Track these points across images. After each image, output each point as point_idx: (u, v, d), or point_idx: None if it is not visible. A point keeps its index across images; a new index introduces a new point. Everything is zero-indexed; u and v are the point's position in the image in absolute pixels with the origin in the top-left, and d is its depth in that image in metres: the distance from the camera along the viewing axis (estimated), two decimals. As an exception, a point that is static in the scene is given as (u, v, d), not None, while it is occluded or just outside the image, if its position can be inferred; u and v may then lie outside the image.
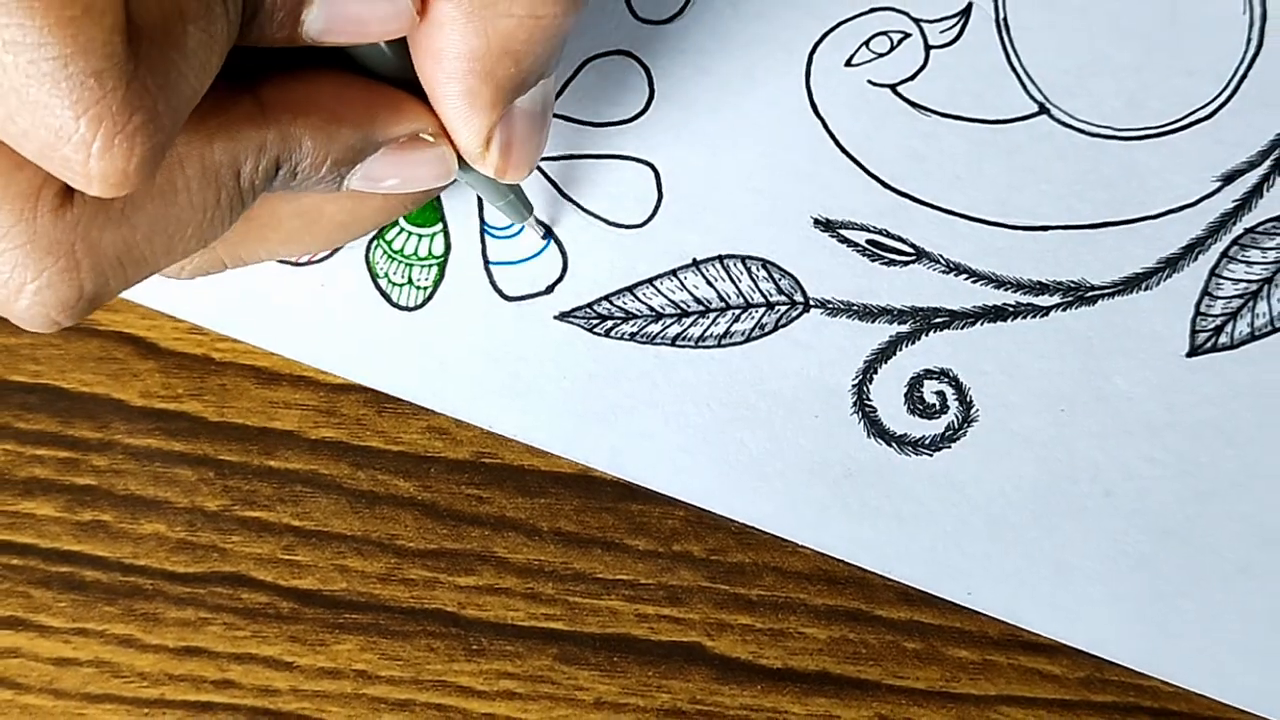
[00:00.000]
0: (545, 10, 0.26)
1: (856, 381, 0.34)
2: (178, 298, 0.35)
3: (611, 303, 0.35)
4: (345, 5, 0.26)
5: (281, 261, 0.35)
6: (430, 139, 0.29)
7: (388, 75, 0.28)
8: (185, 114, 0.24)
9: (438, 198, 0.35)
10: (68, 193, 0.25)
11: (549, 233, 0.35)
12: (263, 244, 0.31)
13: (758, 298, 0.35)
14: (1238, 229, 0.35)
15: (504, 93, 0.27)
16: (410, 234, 0.35)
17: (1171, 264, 0.34)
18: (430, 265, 0.35)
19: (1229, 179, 0.35)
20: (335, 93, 0.28)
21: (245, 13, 0.25)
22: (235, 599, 0.35)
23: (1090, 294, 0.34)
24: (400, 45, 0.27)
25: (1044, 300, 0.34)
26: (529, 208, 0.33)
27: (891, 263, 0.35)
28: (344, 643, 0.34)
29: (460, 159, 0.29)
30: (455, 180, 0.30)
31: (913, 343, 0.34)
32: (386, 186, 0.29)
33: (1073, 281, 0.34)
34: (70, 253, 0.25)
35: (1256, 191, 0.35)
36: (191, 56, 0.23)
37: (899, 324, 0.34)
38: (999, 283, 0.34)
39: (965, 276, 0.35)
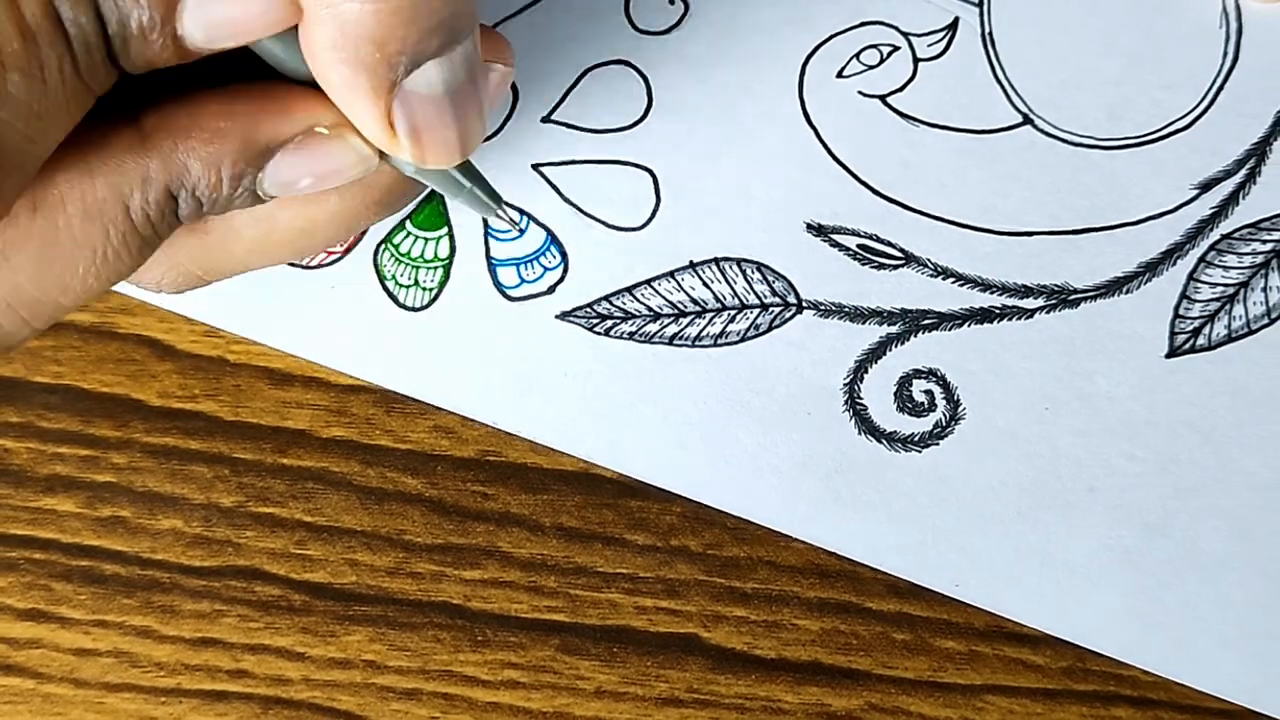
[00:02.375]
0: None
1: (848, 380, 0.34)
2: (194, 301, 0.35)
3: (611, 303, 0.35)
4: (215, 8, 0.24)
5: (293, 264, 0.35)
6: (325, 131, 0.27)
7: (291, 73, 0.26)
8: (27, 164, 0.23)
9: (442, 204, 0.35)
10: None
11: (528, 218, 0.35)
12: (230, 256, 0.29)
13: (752, 299, 0.35)
14: (1215, 235, 0.35)
15: (378, 79, 0.25)
16: (416, 237, 0.35)
17: (1151, 268, 0.34)
18: (436, 267, 0.35)
19: (1206, 187, 0.35)
20: (216, 107, 0.26)
21: (110, 46, 0.23)
22: (249, 592, 0.34)
23: (1073, 297, 0.34)
24: (295, 42, 0.25)
25: (1028, 303, 0.34)
26: (497, 199, 0.30)
27: (881, 266, 0.35)
28: (354, 634, 0.34)
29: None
30: (372, 168, 0.28)
31: (902, 343, 0.34)
32: (304, 187, 0.27)
33: (1056, 285, 0.34)
34: None
35: (1233, 199, 0.35)
36: (20, 108, 0.22)
37: (889, 325, 0.34)
38: (985, 286, 0.34)
39: (952, 280, 0.35)
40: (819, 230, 0.35)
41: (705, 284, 0.35)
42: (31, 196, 0.24)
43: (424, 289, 0.35)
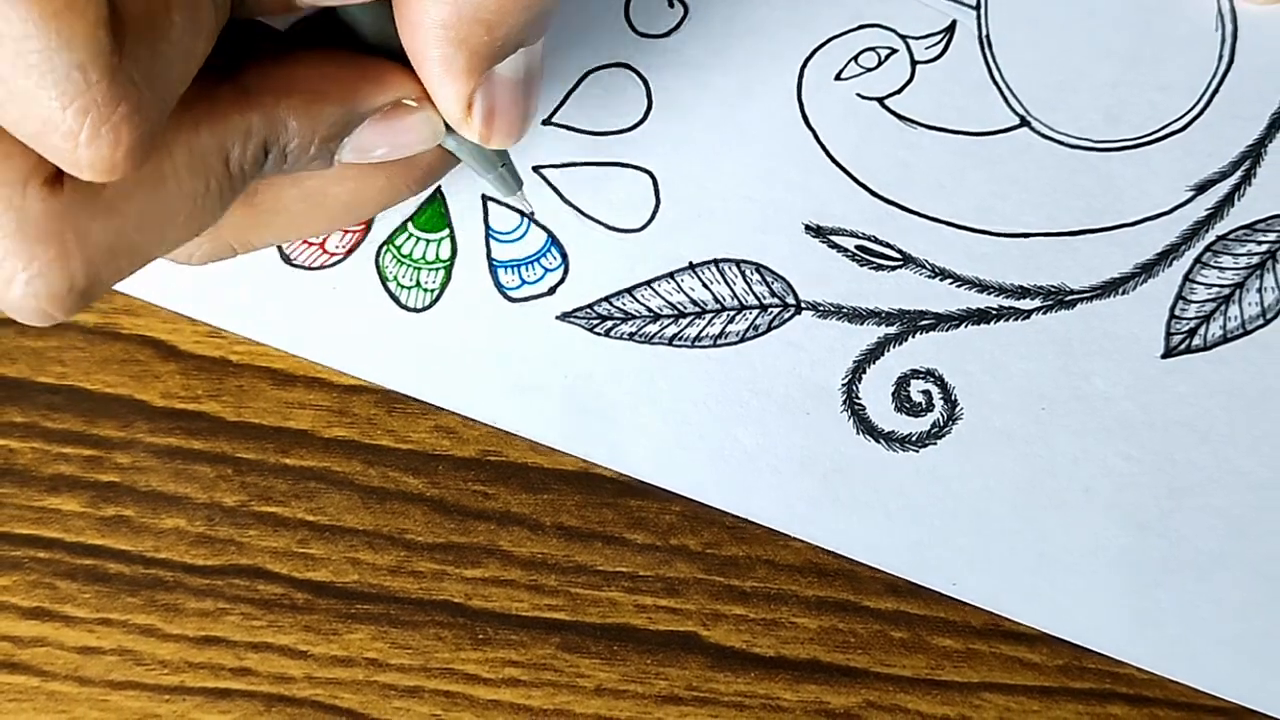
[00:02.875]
0: None
1: (846, 381, 0.34)
2: (197, 302, 0.35)
3: (611, 304, 0.35)
4: None
5: (296, 266, 0.35)
6: (413, 104, 0.28)
7: (378, 43, 0.28)
8: (173, 101, 0.23)
9: (444, 206, 0.35)
10: (57, 182, 0.24)
11: (529, 219, 0.35)
12: (270, 229, 0.30)
13: (751, 300, 0.35)
14: (1210, 236, 0.35)
15: (479, 59, 0.26)
16: (418, 239, 0.35)
17: (1147, 269, 0.35)
18: (437, 269, 0.35)
19: (1201, 189, 0.35)
20: (316, 71, 0.27)
21: None
22: (252, 590, 0.34)
23: (1069, 298, 0.35)
24: (387, 14, 0.27)
25: (1025, 304, 0.35)
26: (519, 182, 0.32)
27: (879, 267, 0.35)
28: (356, 632, 0.34)
29: (452, 131, 0.29)
30: (441, 141, 0.29)
31: (900, 344, 0.34)
32: (377, 156, 0.28)
33: (1053, 286, 0.35)
34: (61, 241, 0.24)
35: (1228, 200, 0.35)
36: (177, 45, 0.23)
37: (887, 326, 0.35)
38: (982, 287, 0.35)
39: (950, 281, 0.35)
40: (817, 231, 0.35)
41: (705, 285, 0.35)
42: None
43: (425, 290, 0.35)
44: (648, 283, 0.35)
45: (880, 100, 0.35)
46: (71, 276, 0.24)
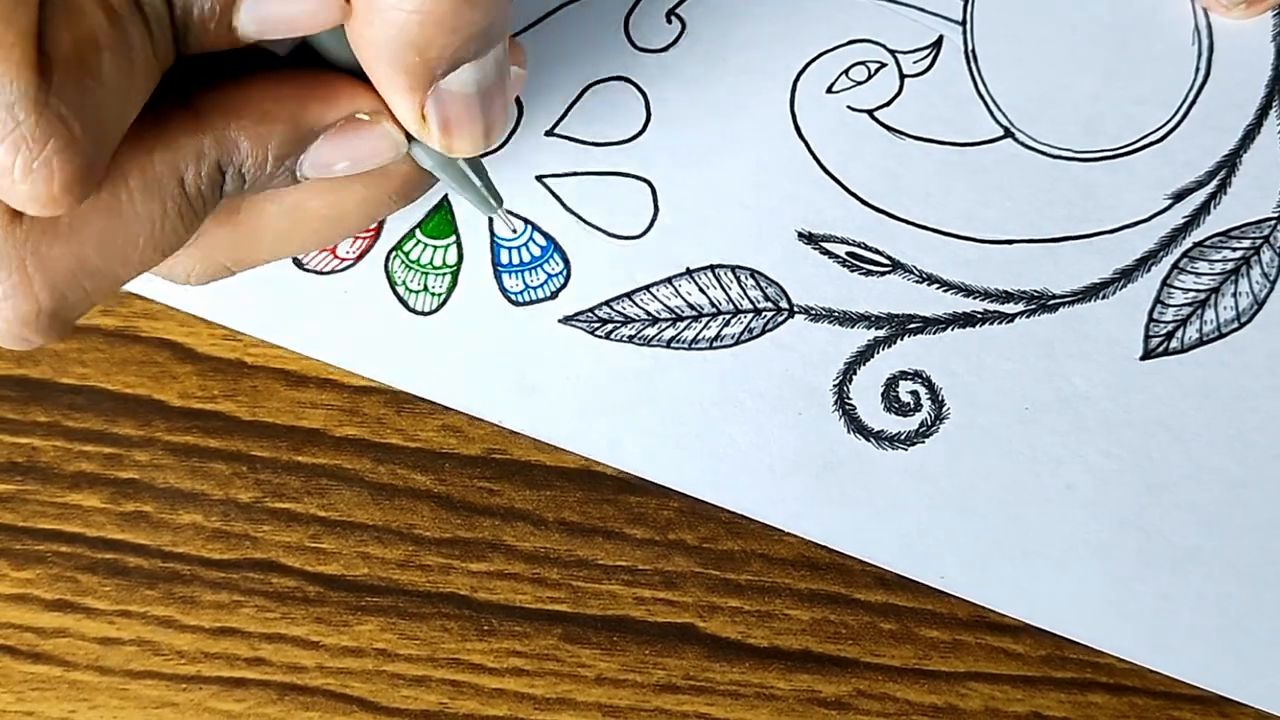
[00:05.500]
0: (430, 6, 0.24)
1: (837, 382, 0.35)
2: (214, 305, 0.35)
3: (611, 308, 0.35)
4: (271, 4, 0.25)
5: (308, 271, 0.35)
6: (366, 118, 0.28)
7: (338, 61, 0.27)
8: (114, 135, 0.24)
9: (450, 213, 0.35)
10: (15, 212, 0.24)
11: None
12: (258, 246, 0.30)
13: (746, 304, 0.35)
14: (1187, 243, 0.35)
15: (417, 78, 0.26)
16: (426, 245, 0.35)
17: (1126, 275, 0.35)
18: (444, 274, 0.35)
19: (1179, 197, 0.35)
20: (266, 90, 0.27)
21: (175, 30, 0.24)
22: (266, 583, 0.34)
23: (1052, 302, 0.35)
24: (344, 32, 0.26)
25: (1009, 308, 0.35)
26: (499, 200, 0.31)
27: (869, 273, 0.35)
28: (366, 624, 0.34)
29: (422, 146, 0.29)
30: (405, 152, 0.29)
31: (889, 346, 0.35)
32: (340, 169, 0.28)
33: (1036, 290, 0.35)
34: (22, 268, 0.24)
35: (1204, 209, 0.35)
36: (111, 83, 0.23)
37: (876, 329, 0.35)
38: (968, 291, 0.35)
39: (937, 286, 0.35)
40: (810, 238, 0.35)
41: (701, 290, 0.35)
42: None
43: (433, 294, 0.35)
44: (647, 288, 0.35)
45: (870, 112, 0.36)
46: (37, 299, 0.25)
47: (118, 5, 0.23)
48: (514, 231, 0.35)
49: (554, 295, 0.35)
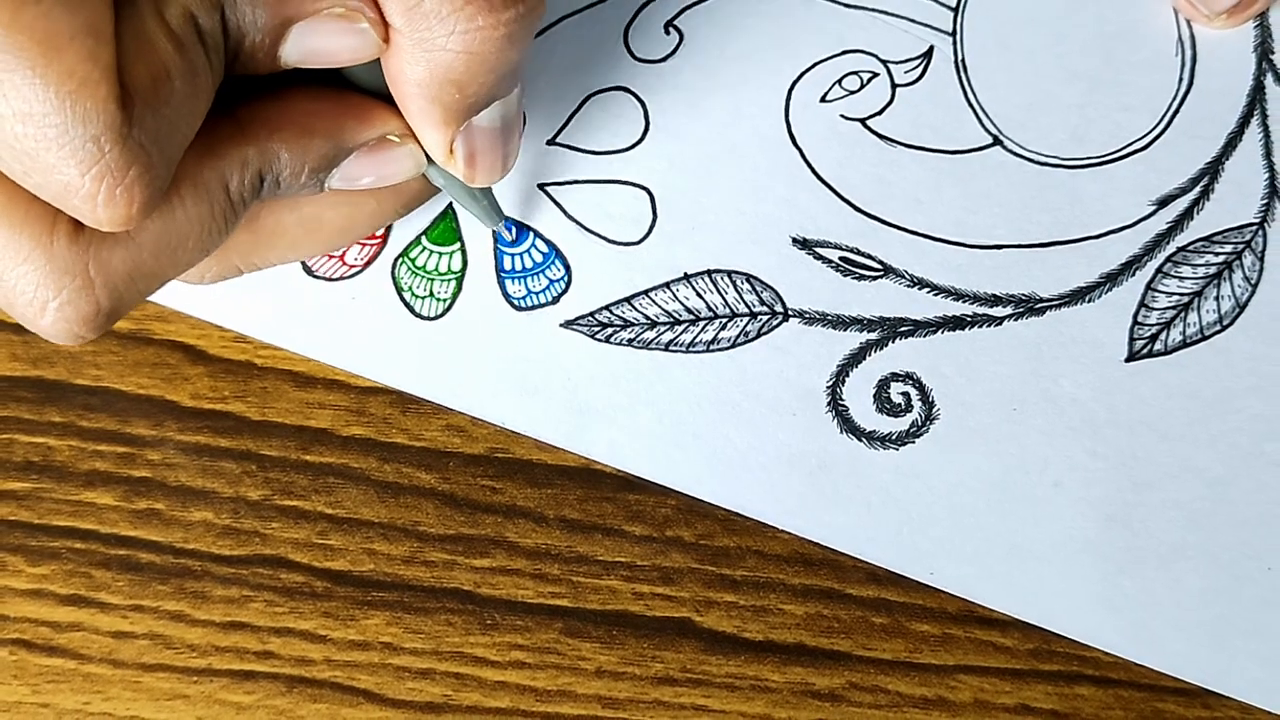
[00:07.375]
0: (479, 47, 0.26)
1: (830, 383, 0.35)
2: (225, 309, 0.35)
3: (611, 312, 0.35)
4: (316, 39, 0.26)
5: (317, 277, 0.35)
6: (396, 140, 0.29)
7: (367, 86, 0.28)
8: (179, 155, 0.25)
9: (455, 221, 0.35)
10: (79, 225, 0.25)
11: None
12: (272, 250, 0.31)
13: (742, 308, 0.35)
14: (1171, 248, 0.35)
15: (453, 114, 0.28)
16: (431, 252, 0.35)
17: (1112, 279, 0.35)
18: (449, 280, 0.35)
19: (1163, 203, 0.35)
20: (306, 107, 0.28)
21: (227, 56, 0.26)
22: (275, 579, 0.35)
23: (1039, 306, 0.35)
24: (377, 63, 0.27)
25: (998, 311, 0.35)
26: (500, 214, 0.33)
27: (862, 278, 0.35)
28: (372, 618, 0.34)
29: (434, 164, 0.30)
30: (427, 174, 0.30)
31: (881, 349, 0.35)
32: (364, 184, 0.29)
33: (1024, 294, 0.35)
34: (85, 272, 0.26)
35: (1188, 214, 0.35)
36: (179, 108, 0.24)
37: (868, 332, 0.35)
38: (958, 295, 0.35)
39: (927, 290, 0.35)
40: (804, 244, 0.35)
41: (699, 294, 0.35)
42: None
43: (438, 299, 0.35)
44: (645, 292, 0.35)
45: (862, 121, 0.36)
46: (97, 301, 0.26)
47: (183, 36, 0.24)
48: (512, 239, 0.35)
49: (555, 300, 0.35)
